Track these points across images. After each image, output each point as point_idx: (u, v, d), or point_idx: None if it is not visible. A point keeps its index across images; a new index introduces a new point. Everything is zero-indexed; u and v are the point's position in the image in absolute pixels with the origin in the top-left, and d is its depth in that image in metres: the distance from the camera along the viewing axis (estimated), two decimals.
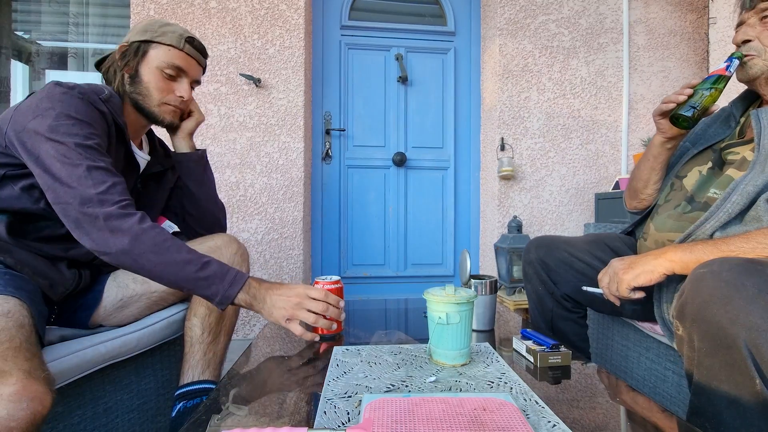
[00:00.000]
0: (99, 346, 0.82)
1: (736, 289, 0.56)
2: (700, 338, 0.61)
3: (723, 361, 0.58)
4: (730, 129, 0.90)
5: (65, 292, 0.84)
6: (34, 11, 2.16)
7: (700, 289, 0.61)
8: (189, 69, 0.91)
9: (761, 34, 0.80)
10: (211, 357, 0.91)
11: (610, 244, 1.06)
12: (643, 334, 1.00)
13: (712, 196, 0.83)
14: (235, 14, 1.97)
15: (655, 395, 0.95)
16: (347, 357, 0.77)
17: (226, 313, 0.95)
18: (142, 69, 0.87)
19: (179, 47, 0.88)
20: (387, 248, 2.33)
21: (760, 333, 0.53)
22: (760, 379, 0.54)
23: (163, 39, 0.87)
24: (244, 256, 1.01)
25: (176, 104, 0.92)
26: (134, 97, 0.88)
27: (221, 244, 0.98)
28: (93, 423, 0.84)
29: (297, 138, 2.01)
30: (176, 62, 0.88)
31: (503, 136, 2.15)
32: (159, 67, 0.87)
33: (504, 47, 2.15)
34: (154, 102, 0.89)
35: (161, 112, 0.91)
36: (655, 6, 2.25)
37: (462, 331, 0.72)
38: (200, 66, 0.96)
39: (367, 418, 0.50)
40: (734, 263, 0.60)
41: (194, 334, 0.91)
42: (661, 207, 0.96)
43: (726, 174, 0.83)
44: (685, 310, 0.63)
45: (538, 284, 1.08)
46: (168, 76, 0.89)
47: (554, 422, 0.52)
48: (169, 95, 0.90)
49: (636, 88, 2.24)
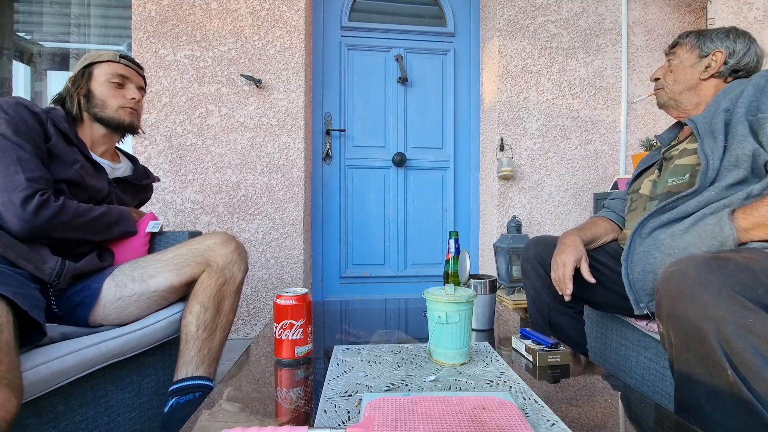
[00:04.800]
0: (100, 345, 0.83)
1: (702, 284, 0.60)
2: (675, 334, 0.64)
3: (697, 354, 0.61)
4: (660, 154, 1.09)
5: (54, 273, 0.87)
6: (36, 12, 2.17)
7: (669, 287, 0.65)
8: (131, 76, 1.07)
9: (665, 73, 1.06)
10: (206, 353, 0.92)
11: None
12: (641, 333, 1.01)
13: (671, 184, 0.96)
14: (236, 15, 1.98)
15: (653, 394, 0.96)
16: (347, 356, 0.77)
17: (222, 310, 0.97)
18: (92, 87, 1.03)
19: (116, 61, 1.05)
20: (387, 248, 2.33)
21: (727, 324, 0.56)
22: (732, 370, 0.56)
23: (101, 58, 1.04)
24: (242, 255, 1.02)
25: (131, 105, 1.07)
26: (93, 112, 1.03)
27: (216, 243, 0.99)
28: (95, 422, 0.84)
29: (297, 138, 2.02)
30: (119, 71, 1.05)
31: (502, 136, 2.15)
32: (106, 80, 1.03)
33: (503, 48, 2.15)
34: (112, 108, 1.04)
35: (120, 115, 1.05)
36: (653, 7, 2.26)
37: (461, 330, 0.72)
38: (140, 75, 1.10)
39: (367, 416, 0.50)
40: (700, 260, 0.64)
41: (189, 331, 0.92)
42: (628, 216, 1.09)
43: (675, 164, 0.97)
44: (661, 307, 0.67)
45: (536, 280, 1.11)
46: (116, 85, 1.04)
47: (553, 421, 0.52)
48: (123, 99, 1.05)
49: (635, 89, 2.24)
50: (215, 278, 0.96)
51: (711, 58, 0.97)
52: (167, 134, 1.93)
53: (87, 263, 0.96)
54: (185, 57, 1.94)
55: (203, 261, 0.97)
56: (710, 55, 0.97)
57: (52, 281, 0.87)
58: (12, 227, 0.83)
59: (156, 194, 1.91)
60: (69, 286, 0.93)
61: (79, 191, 0.97)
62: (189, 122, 1.95)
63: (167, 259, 0.98)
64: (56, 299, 0.90)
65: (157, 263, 0.97)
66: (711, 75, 0.97)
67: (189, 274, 0.97)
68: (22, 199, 0.82)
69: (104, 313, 0.91)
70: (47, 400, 0.74)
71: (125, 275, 0.95)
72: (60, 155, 0.93)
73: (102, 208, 0.99)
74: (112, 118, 1.04)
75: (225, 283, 0.97)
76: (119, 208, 1.06)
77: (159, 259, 0.98)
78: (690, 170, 0.92)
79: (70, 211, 0.90)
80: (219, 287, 0.96)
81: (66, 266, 0.90)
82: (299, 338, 0.75)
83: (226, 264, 0.98)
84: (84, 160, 0.99)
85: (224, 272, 0.97)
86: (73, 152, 0.97)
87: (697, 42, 1.00)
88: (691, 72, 1.00)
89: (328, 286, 2.28)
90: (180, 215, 1.94)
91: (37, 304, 0.72)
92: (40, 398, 0.71)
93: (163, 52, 1.93)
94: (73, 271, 0.91)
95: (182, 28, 1.94)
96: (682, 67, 1.01)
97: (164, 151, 1.93)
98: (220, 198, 1.96)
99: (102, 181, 1.04)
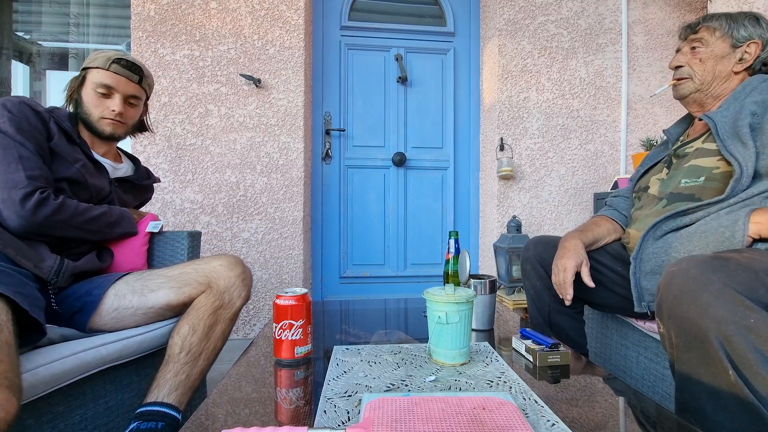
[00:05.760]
0: (100, 348, 0.82)
1: (703, 285, 0.59)
2: (676, 334, 0.64)
3: (698, 354, 0.60)
4: (668, 149, 1.04)
5: (53, 271, 0.87)
6: (35, 12, 2.16)
7: (671, 286, 0.64)
8: (117, 86, 1.03)
9: (690, 61, 0.94)
10: (182, 379, 0.86)
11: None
12: (641, 334, 1.01)
13: (684, 185, 0.91)
14: (236, 15, 1.98)
15: (654, 394, 0.96)
16: (347, 356, 0.77)
17: (212, 335, 0.92)
18: (82, 92, 1.02)
19: (105, 68, 1.01)
20: (387, 248, 2.33)
21: (728, 325, 0.56)
22: (733, 370, 0.56)
23: (93, 63, 1.01)
24: (246, 282, 0.98)
25: (111, 117, 1.03)
26: (82, 117, 1.03)
27: (222, 265, 0.96)
28: (94, 422, 0.84)
29: (297, 138, 2.01)
30: (104, 81, 1.01)
31: (502, 136, 2.15)
32: (92, 88, 1.01)
33: (503, 48, 2.15)
34: (95, 118, 1.02)
35: (101, 125, 1.03)
36: (653, 7, 2.26)
37: (461, 330, 0.72)
38: (132, 82, 1.05)
39: (367, 417, 0.50)
40: (701, 260, 0.63)
41: (172, 351, 0.88)
42: (635, 214, 1.05)
43: (690, 164, 0.92)
44: (662, 307, 0.66)
45: (536, 279, 1.10)
46: (101, 95, 1.02)
47: (553, 421, 0.52)
48: (104, 110, 1.02)
49: (635, 89, 2.24)
50: (212, 300, 0.92)
51: (745, 50, 0.88)
52: (166, 134, 1.93)
53: (86, 262, 0.96)
54: (184, 56, 1.94)
55: (205, 281, 0.94)
56: (744, 45, 0.88)
57: (50, 279, 0.87)
58: (11, 224, 0.83)
59: (155, 194, 1.91)
60: (68, 284, 0.93)
61: (81, 190, 0.97)
62: (188, 122, 1.94)
63: (172, 275, 0.95)
64: (56, 297, 0.90)
65: (161, 278, 0.95)
66: (744, 68, 0.89)
67: (188, 294, 0.93)
68: (22, 196, 0.83)
69: (101, 322, 0.91)
70: (46, 400, 0.73)
71: (127, 286, 0.93)
72: (62, 154, 0.94)
73: (102, 208, 0.99)
74: (95, 127, 1.03)
75: (221, 307, 0.93)
76: (119, 208, 1.06)
77: (164, 274, 0.96)
78: (707, 173, 0.87)
79: (69, 210, 0.90)
80: (214, 310, 0.92)
81: (65, 264, 0.90)
82: (299, 338, 0.75)
83: (227, 287, 0.94)
84: (86, 159, 1.00)
85: (223, 296, 0.93)
86: (75, 151, 0.98)
87: (728, 29, 0.89)
88: (722, 63, 0.90)
89: (327, 286, 2.28)
90: (179, 215, 1.94)
91: (38, 304, 0.72)
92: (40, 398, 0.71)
93: (162, 51, 1.93)
94: (72, 269, 0.91)
95: (181, 27, 1.94)
96: (713, 57, 0.91)
97: (163, 151, 1.93)
98: (220, 198, 1.96)
99: (103, 180, 1.05)
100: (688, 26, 0.96)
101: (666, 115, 2.26)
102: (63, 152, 0.94)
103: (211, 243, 1.95)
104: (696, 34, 0.94)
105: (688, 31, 0.96)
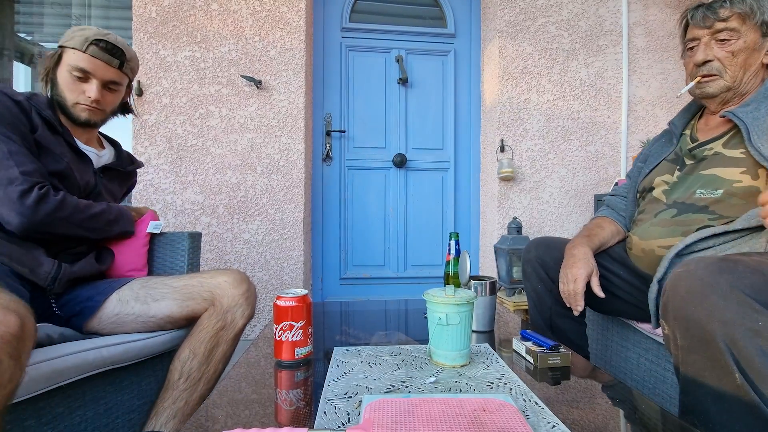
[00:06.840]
0: (102, 350, 0.82)
1: (711, 286, 0.58)
2: (681, 336, 0.63)
3: (704, 357, 0.59)
4: (672, 145, 0.98)
5: (50, 277, 0.85)
6: (37, 13, 2.17)
7: (678, 288, 0.63)
8: (95, 71, 0.94)
9: (720, 55, 0.82)
10: (180, 406, 0.85)
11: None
12: (642, 335, 1.00)
13: (698, 195, 0.84)
14: (237, 16, 1.98)
15: (654, 396, 0.95)
16: (347, 357, 0.77)
17: (213, 358, 0.90)
18: (57, 73, 0.93)
19: (81, 50, 0.91)
20: (387, 249, 2.33)
21: (736, 327, 0.55)
22: (739, 373, 0.55)
23: (70, 43, 0.92)
24: (250, 300, 0.95)
25: (87, 104, 0.95)
26: (56, 99, 0.94)
27: (227, 281, 0.93)
28: (94, 423, 0.84)
29: (298, 139, 2.02)
30: (80, 65, 0.92)
31: (503, 137, 2.15)
32: (68, 70, 0.92)
33: (504, 49, 2.16)
34: (69, 103, 0.94)
35: (76, 111, 0.95)
36: (654, 8, 2.26)
37: (462, 332, 0.72)
38: (111, 67, 0.96)
39: (367, 418, 0.50)
40: (709, 262, 0.62)
41: (172, 377, 0.86)
42: (638, 218, 1.00)
43: (710, 173, 0.84)
44: (668, 308, 0.65)
45: (537, 282, 1.10)
46: (77, 78, 0.93)
47: (554, 423, 0.52)
48: (80, 95, 0.94)
49: (635, 90, 2.24)
50: (214, 321, 0.90)
51: None
52: (167, 135, 1.93)
53: (84, 267, 0.93)
54: (186, 58, 1.95)
55: (209, 297, 0.92)
56: None
57: (48, 286, 0.85)
58: (10, 222, 0.79)
59: (156, 195, 1.92)
60: (65, 291, 0.91)
61: (70, 185, 0.92)
62: (189, 123, 1.95)
63: (177, 286, 0.93)
64: (56, 300, 0.89)
65: (166, 288, 0.93)
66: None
67: (191, 308, 0.92)
68: (20, 193, 0.78)
69: (99, 325, 0.90)
70: (46, 400, 0.73)
71: (131, 291, 0.92)
72: (48, 146, 0.88)
73: (102, 205, 0.97)
74: (69, 112, 0.95)
75: (224, 328, 0.91)
76: (117, 205, 1.04)
77: (169, 284, 0.94)
78: (726, 186, 0.79)
79: (71, 206, 0.86)
80: (216, 332, 0.90)
81: (62, 270, 0.87)
82: (299, 339, 0.75)
83: (230, 306, 0.91)
84: (71, 151, 0.94)
85: (226, 316, 0.91)
86: (60, 142, 0.92)
87: (759, 14, 0.78)
88: (753, 56, 0.79)
89: (328, 287, 2.28)
90: (180, 216, 1.94)
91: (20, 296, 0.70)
92: (40, 398, 0.71)
93: (163, 53, 1.93)
94: (69, 275, 0.89)
95: (183, 29, 1.94)
96: (746, 49, 0.79)
97: (164, 152, 1.93)
98: (221, 199, 1.96)
99: (89, 172, 0.99)
100: (709, 8, 0.81)
101: (666, 116, 2.25)
102: (49, 145, 0.88)
103: (212, 244, 1.96)
104: (724, 22, 0.80)
105: (712, 17, 0.82)
